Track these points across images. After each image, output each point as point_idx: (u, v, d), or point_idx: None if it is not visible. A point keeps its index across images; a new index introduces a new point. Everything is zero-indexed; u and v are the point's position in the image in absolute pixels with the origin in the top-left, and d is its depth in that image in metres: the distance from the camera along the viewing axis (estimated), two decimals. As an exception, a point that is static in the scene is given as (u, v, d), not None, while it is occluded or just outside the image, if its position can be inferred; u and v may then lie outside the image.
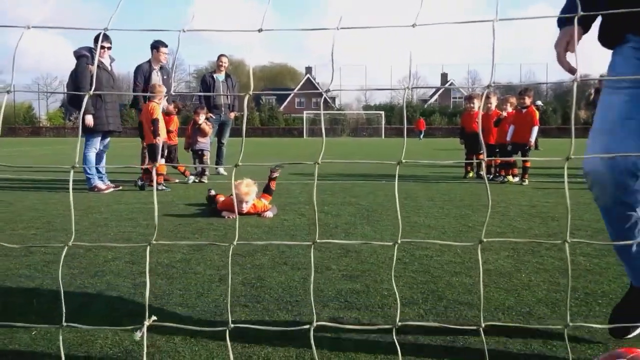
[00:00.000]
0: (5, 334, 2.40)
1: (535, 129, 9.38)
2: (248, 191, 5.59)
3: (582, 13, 1.41)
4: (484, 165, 1.46)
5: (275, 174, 6.47)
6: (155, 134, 8.18)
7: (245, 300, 2.92)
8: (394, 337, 1.51)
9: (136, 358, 2.17)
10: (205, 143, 9.95)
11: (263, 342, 2.32)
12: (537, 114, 9.62)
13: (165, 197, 7.37)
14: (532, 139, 9.39)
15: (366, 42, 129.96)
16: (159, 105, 8.39)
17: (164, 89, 8.72)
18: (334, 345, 2.29)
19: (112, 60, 8.56)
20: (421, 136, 48.53)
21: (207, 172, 9.97)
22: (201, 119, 9.73)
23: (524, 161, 9.61)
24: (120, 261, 3.76)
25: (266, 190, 6.22)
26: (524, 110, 9.46)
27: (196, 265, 3.66)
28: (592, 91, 14.12)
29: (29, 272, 3.47)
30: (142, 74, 9.45)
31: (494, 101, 10.22)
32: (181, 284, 3.22)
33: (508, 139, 9.55)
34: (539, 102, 26.35)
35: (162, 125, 8.42)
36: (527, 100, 9.50)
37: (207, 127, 9.85)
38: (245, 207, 5.59)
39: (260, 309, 2.79)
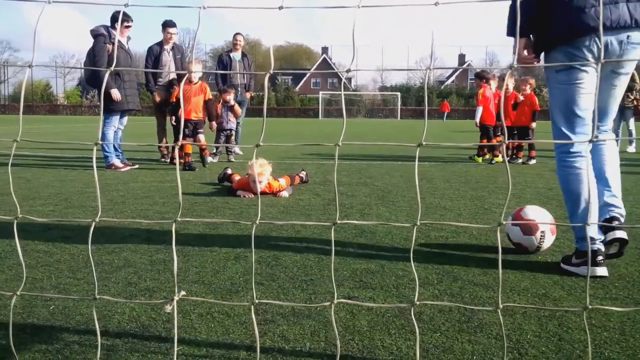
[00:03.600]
0: (23, 309, 2.44)
1: (479, 109, 10.11)
2: (262, 171, 5.58)
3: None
4: (504, 147, 1.45)
5: (303, 177, 6.66)
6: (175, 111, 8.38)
7: (260, 278, 2.93)
8: (412, 315, 1.51)
9: (153, 333, 2.19)
10: (234, 122, 9.81)
11: (278, 320, 2.33)
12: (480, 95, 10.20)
13: (182, 175, 7.40)
14: (477, 119, 10.13)
15: (383, 23, 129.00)
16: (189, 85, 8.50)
17: (199, 67, 8.83)
18: (349, 324, 2.29)
19: (128, 38, 8.57)
20: (444, 118, 48.67)
21: (232, 151, 9.90)
22: (232, 98, 9.55)
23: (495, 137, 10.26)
24: (138, 238, 3.79)
25: (290, 176, 6.25)
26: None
27: (212, 243, 3.68)
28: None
29: (47, 248, 3.51)
30: (152, 55, 9.48)
31: (511, 83, 10.12)
32: (197, 261, 3.25)
33: (477, 120, 10.21)
34: None
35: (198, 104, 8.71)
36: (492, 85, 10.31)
37: (239, 108, 9.75)
38: (259, 187, 5.59)
39: (275, 287, 2.80)
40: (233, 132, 9.77)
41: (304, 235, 3.90)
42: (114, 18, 8.24)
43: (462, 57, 77.30)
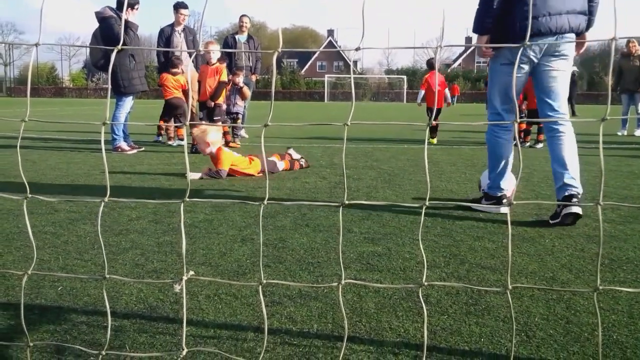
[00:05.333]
0: (31, 289, 2.44)
1: (421, 92, 10.87)
2: (198, 133, 5.92)
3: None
4: (515, 128, 1.43)
5: (296, 158, 6.48)
6: (216, 96, 8.33)
7: (267, 260, 2.93)
8: (420, 296, 1.50)
9: (160, 314, 2.19)
10: (242, 106, 9.66)
11: (285, 302, 2.34)
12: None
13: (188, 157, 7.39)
14: (418, 100, 10.92)
15: (389, 6, 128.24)
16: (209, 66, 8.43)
17: (217, 47, 8.75)
18: (356, 307, 2.29)
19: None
20: (454, 101, 48.65)
21: (238, 134, 9.80)
22: (241, 80, 9.41)
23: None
24: (144, 220, 3.79)
25: (281, 155, 6.34)
26: None
27: (219, 225, 3.68)
28: (619, 56, 13.86)
29: (54, 230, 3.52)
30: (163, 37, 9.47)
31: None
32: (204, 243, 3.25)
33: (418, 101, 10.90)
34: (575, 68, 25.88)
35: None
36: None
37: (247, 90, 9.61)
38: (206, 149, 5.84)
39: (282, 269, 2.80)
40: (240, 116, 9.66)
41: (310, 218, 3.90)
42: (121, 2, 8.21)
43: (468, 40, 76.81)
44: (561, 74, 3.94)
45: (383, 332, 2.05)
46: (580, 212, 3.67)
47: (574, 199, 3.73)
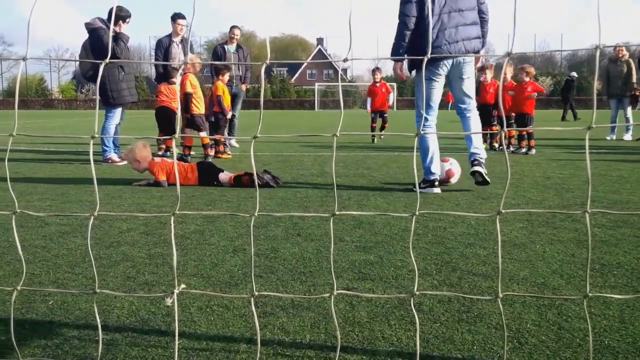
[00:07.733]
0: (22, 304, 2.43)
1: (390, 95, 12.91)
2: (126, 153, 6.36)
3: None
4: (502, 135, 1.44)
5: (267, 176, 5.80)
6: (187, 107, 8.35)
7: (259, 271, 2.93)
8: (412, 305, 1.50)
9: (152, 327, 2.18)
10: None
11: (277, 312, 2.33)
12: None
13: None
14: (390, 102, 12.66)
15: (378, 13, 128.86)
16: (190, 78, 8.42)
17: (198, 60, 8.76)
18: (348, 316, 2.29)
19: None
20: (449, 108, 49.04)
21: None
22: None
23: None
24: (135, 232, 3.78)
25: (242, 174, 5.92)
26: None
27: (210, 236, 3.67)
28: (606, 61, 13.97)
29: (45, 243, 3.50)
30: (162, 48, 9.48)
31: (509, 72, 10.12)
32: (195, 254, 3.24)
33: (367, 108, 12.49)
34: (574, 73, 26.08)
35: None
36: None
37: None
38: (139, 167, 6.15)
39: (274, 279, 2.80)
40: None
41: (302, 227, 3.90)
42: (112, 12, 8.19)
43: (457, 47, 77.16)
44: (469, 85, 5.46)
45: (376, 341, 2.05)
46: (482, 171, 5.29)
47: (476, 161, 5.31)
